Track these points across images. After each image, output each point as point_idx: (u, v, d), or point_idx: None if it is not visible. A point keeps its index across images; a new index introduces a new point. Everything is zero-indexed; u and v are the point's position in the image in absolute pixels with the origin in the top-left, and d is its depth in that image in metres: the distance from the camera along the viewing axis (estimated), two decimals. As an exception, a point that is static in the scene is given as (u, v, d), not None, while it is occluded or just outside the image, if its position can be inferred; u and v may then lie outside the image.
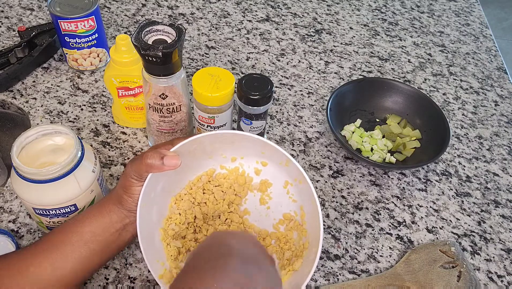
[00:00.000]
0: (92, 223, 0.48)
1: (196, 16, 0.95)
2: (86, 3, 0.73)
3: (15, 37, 0.84)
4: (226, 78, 0.61)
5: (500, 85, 0.89)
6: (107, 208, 0.49)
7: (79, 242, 0.47)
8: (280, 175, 0.54)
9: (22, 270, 0.45)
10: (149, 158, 0.46)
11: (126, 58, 0.63)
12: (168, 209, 0.54)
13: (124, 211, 0.49)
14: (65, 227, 0.49)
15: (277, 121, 0.76)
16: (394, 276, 0.57)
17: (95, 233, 0.48)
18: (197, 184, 0.55)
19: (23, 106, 0.73)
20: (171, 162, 0.46)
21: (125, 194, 0.48)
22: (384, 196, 0.68)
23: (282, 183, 0.54)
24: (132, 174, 0.47)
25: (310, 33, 0.95)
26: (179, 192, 0.55)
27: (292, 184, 0.54)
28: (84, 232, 0.48)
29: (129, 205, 0.49)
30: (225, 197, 0.55)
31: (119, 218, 0.49)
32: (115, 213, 0.49)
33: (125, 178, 0.48)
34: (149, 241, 0.50)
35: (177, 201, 0.54)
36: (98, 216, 0.49)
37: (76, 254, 0.47)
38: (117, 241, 0.50)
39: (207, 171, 0.55)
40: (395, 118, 0.76)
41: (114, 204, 0.49)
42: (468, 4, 1.10)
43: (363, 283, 0.56)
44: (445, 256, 0.59)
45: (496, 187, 0.71)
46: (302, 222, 0.52)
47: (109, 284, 0.55)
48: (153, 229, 0.52)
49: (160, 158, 0.46)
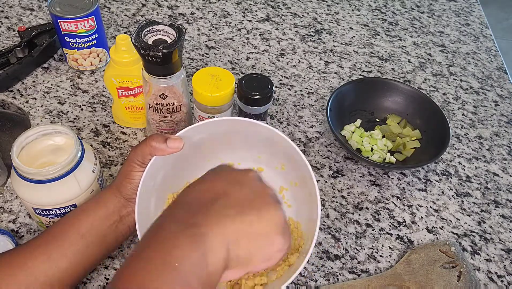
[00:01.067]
0: (89, 215, 0.49)
1: (196, 16, 0.95)
2: (86, 3, 0.73)
3: (15, 37, 0.84)
4: (226, 78, 0.61)
5: (500, 85, 0.89)
6: (104, 198, 0.50)
7: (76, 235, 0.48)
8: (276, 180, 0.54)
9: (21, 265, 0.45)
10: (154, 140, 0.48)
11: (126, 58, 0.63)
12: (165, 204, 0.54)
13: (121, 200, 0.49)
14: (62, 221, 0.49)
15: (277, 121, 0.76)
16: (394, 276, 0.57)
17: (92, 225, 0.48)
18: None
19: (23, 106, 0.73)
20: (174, 144, 0.48)
21: (125, 180, 0.49)
22: (384, 196, 0.68)
23: (277, 189, 0.54)
24: (134, 159, 0.48)
25: (310, 33, 0.95)
26: (176, 191, 0.55)
27: (288, 188, 0.54)
28: (80, 225, 0.48)
29: (127, 191, 0.49)
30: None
31: (116, 208, 0.49)
32: (112, 203, 0.49)
33: (127, 164, 0.49)
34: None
35: (174, 198, 0.54)
36: (94, 208, 0.49)
37: (73, 247, 0.47)
38: (114, 233, 0.50)
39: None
40: (395, 118, 0.76)
41: (112, 193, 0.50)
42: (468, 4, 1.10)
43: (363, 283, 0.56)
44: (445, 256, 0.59)
45: (496, 187, 0.71)
46: (298, 225, 0.53)
47: (109, 284, 0.55)
48: (151, 221, 0.52)
49: (164, 140, 0.48)
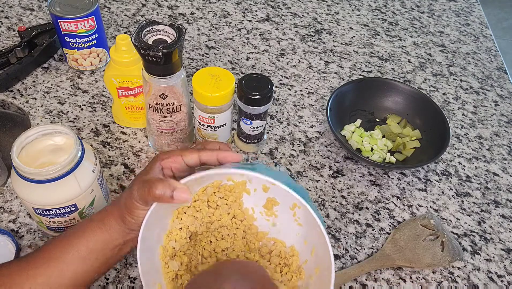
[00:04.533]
0: (91, 238, 0.46)
1: (196, 16, 0.95)
2: (86, 3, 0.73)
3: (15, 37, 0.84)
4: (226, 78, 0.61)
5: (500, 85, 0.89)
6: (107, 225, 0.47)
7: (76, 257, 0.45)
8: (289, 196, 0.51)
9: (18, 284, 0.44)
10: (158, 189, 0.42)
11: (126, 58, 0.63)
12: (170, 224, 0.51)
13: (126, 230, 0.47)
14: (63, 240, 0.47)
15: (277, 121, 0.76)
16: (384, 257, 0.60)
17: (93, 249, 0.46)
18: (202, 196, 0.51)
19: (23, 106, 0.73)
20: (181, 196, 0.43)
21: (128, 215, 0.46)
22: (384, 196, 0.68)
23: (290, 205, 0.51)
24: (137, 199, 0.44)
25: (310, 33, 0.95)
26: (182, 206, 0.51)
27: (300, 206, 0.51)
28: (81, 247, 0.46)
29: (131, 226, 0.46)
30: (230, 211, 0.53)
31: (120, 236, 0.47)
32: (115, 231, 0.47)
33: (130, 200, 0.45)
34: (148, 262, 0.48)
35: (179, 215, 0.51)
36: (97, 232, 0.46)
37: (73, 269, 0.45)
38: (116, 255, 0.48)
39: (213, 183, 0.51)
40: (395, 118, 0.76)
41: (116, 220, 0.47)
42: (468, 4, 1.10)
43: (357, 269, 0.58)
44: (426, 230, 0.63)
45: (496, 187, 0.71)
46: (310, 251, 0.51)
47: (109, 284, 0.55)
48: (153, 248, 0.49)
49: (170, 190, 0.43)
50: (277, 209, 0.53)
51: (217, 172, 0.45)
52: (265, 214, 0.54)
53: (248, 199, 0.54)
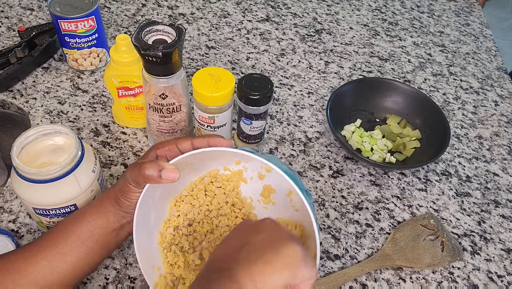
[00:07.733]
0: (90, 222, 0.48)
1: (196, 16, 0.95)
2: (86, 3, 0.73)
3: (15, 37, 0.84)
4: (226, 78, 0.61)
5: (500, 85, 0.89)
6: (105, 208, 0.49)
7: (77, 241, 0.47)
8: (285, 183, 0.52)
9: (21, 270, 0.45)
10: (147, 169, 0.45)
11: (126, 58, 0.63)
12: (168, 211, 0.53)
13: (121, 212, 0.49)
14: (63, 226, 0.48)
15: (277, 121, 0.76)
16: (384, 257, 0.60)
17: (92, 233, 0.48)
18: (199, 185, 0.53)
19: (23, 106, 0.73)
20: (169, 176, 0.45)
21: (122, 197, 0.48)
22: (384, 196, 0.68)
23: (286, 192, 0.52)
24: (130, 181, 0.46)
25: (310, 33, 0.95)
26: (179, 194, 0.53)
27: (296, 193, 0.52)
28: (81, 232, 0.48)
29: (126, 208, 0.48)
30: (228, 200, 0.54)
31: (117, 219, 0.49)
32: (112, 214, 0.49)
33: (124, 182, 0.47)
34: (146, 246, 0.49)
35: (177, 203, 0.53)
36: (95, 216, 0.48)
37: (74, 252, 0.47)
38: (115, 239, 0.50)
39: (210, 172, 0.54)
40: (395, 118, 0.76)
41: (112, 204, 0.49)
42: (468, 4, 1.10)
43: (357, 269, 0.58)
44: (426, 230, 0.63)
45: (496, 187, 0.71)
46: (303, 232, 0.52)
47: (109, 284, 0.55)
48: (151, 233, 0.51)
49: (158, 170, 0.45)
50: (274, 197, 0.54)
51: (205, 150, 0.47)
52: (263, 202, 0.55)
53: (245, 188, 0.55)
